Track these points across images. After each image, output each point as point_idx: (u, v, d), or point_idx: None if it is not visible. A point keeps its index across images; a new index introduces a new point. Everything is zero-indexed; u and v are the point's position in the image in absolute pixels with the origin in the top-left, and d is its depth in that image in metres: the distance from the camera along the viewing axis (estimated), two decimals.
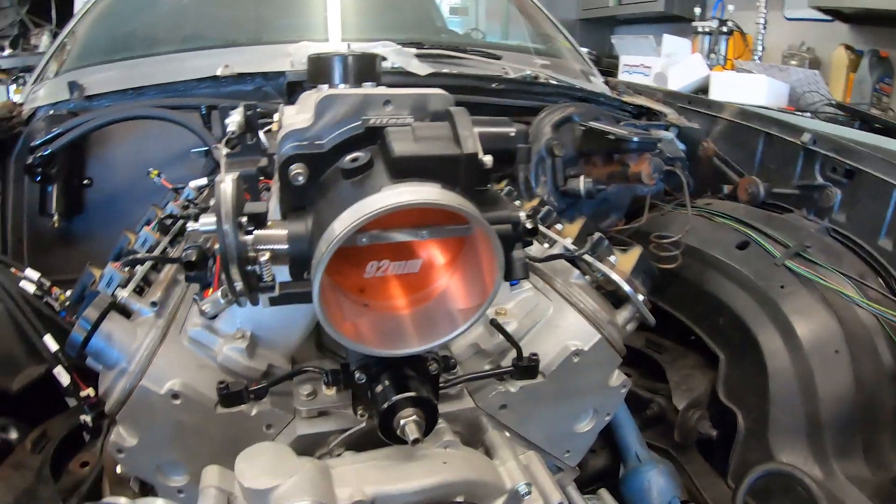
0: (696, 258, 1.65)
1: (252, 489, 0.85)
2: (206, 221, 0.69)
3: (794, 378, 1.37)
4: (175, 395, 0.99)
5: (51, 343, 1.36)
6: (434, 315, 0.83)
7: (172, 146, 1.82)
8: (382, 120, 0.77)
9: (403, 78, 1.86)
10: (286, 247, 0.75)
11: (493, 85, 1.98)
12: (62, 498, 1.20)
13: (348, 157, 0.73)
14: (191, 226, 0.74)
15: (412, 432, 0.85)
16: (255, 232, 0.72)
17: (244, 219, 0.70)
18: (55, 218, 1.80)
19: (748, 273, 1.53)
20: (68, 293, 1.51)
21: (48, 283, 1.48)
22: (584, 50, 2.69)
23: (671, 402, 1.54)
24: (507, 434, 1.17)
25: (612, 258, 1.24)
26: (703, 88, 2.98)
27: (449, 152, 0.69)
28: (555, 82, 2.11)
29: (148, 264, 1.13)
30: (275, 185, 0.91)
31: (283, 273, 0.76)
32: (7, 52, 5.08)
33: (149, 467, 1.04)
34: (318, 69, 1.20)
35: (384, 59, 1.93)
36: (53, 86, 2.03)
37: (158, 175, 1.63)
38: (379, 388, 0.89)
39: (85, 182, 1.89)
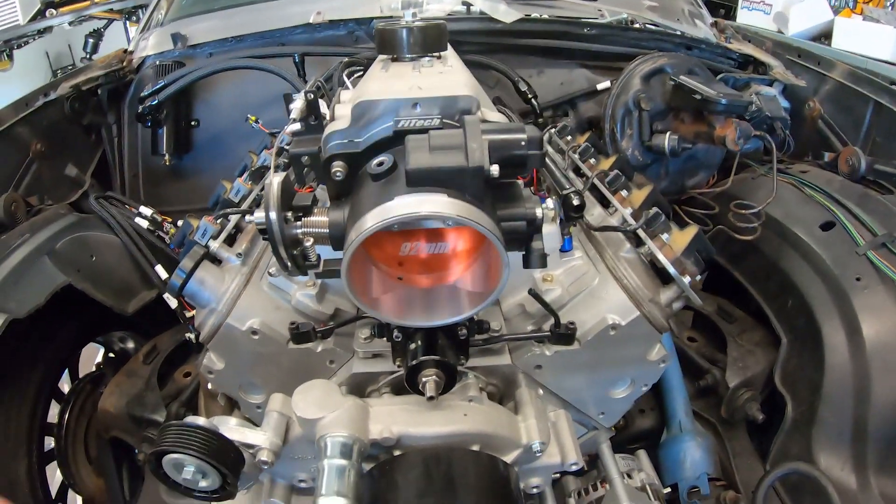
0: (776, 232, 1.58)
1: (303, 418, 1.03)
2: (258, 216, 0.82)
3: (850, 378, 1.32)
4: (254, 332, 1.18)
5: (161, 272, 1.62)
6: (452, 295, 0.92)
7: (270, 89, 1.97)
8: (410, 122, 0.85)
9: (489, 24, 1.86)
10: (327, 231, 0.87)
11: (585, 30, 1.92)
12: (165, 403, 1.48)
13: (375, 161, 0.81)
14: (247, 218, 0.86)
15: (430, 390, 0.98)
16: (303, 220, 0.85)
17: (289, 213, 0.83)
18: (166, 157, 2.04)
19: (826, 258, 1.45)
20: (180, 223, 1.78)
21: (160, 218, 1.73)
22: None
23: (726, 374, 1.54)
24: (541, 392, 1.27)
25: (665, 236, 1.24)
26: (827, 33, 2.62)
27: (456, 164, 0.75)
28: (652, 27, 1.98)
29: (238, 216, 1.31)
30: None
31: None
32: None
33: (233, 387, 1.27)
34: (385, 41, 1.26)
35: (470, 5, 1.93)
36: (159, 35, 2.20)
37: (256, 121, 1.79)
38: (411, 347, 1.02)
39: (192, 123, 2.11)
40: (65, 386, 1.78)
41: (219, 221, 1.30)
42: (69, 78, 1.99)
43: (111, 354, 1.90)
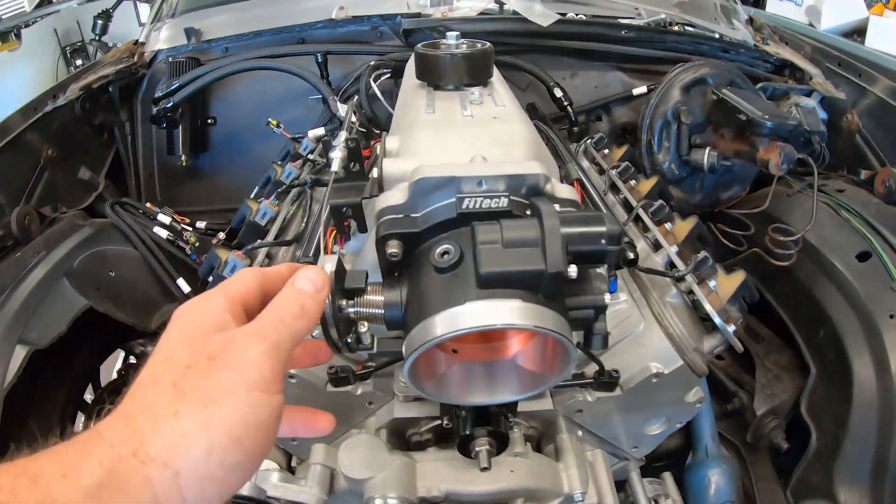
0: (811, 258, 1.55)
1: (350, 477, 1.03)
2: None
3: (876, 416, 1.32)
4: (291, 377, 1.16)
5: (183, 285, 1.58)
6: (510, 372, 0.90)
7: (289, 87, 1.89)
8: (475, 203, 0.80)
9: (522, 24, 1.77)
10: (382, 312, 0.83)
11: (622, 32, 1.83)
12: None
13: (438, 251, 0.77)
14: None
15: (483, 461, 0.97)
16: (356, 301, 0.80)
17: (343, 300, 0.78)
18: (183, 158, 1.97)
19: (860, 290, 1.43)
20: (199, 224, 1.72)
21: (179, 226, 1.67)
22: None
23: (753, 400, 1.55)
24: (580, 432, 1.27)
25: (712, 283, 1.21)
26: (860, 30, 2.51)
27: (533, 268, 0.71)
28: (691, 29, 1.90)
29: (266, 249, 1.27)
30: (370, 237, 0.98)
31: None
32: None
33: None
34: (428, 68, 1.20)
35: (503, 3, 1.83)
36: (172, 28, 2.10)
37: (278, 125, 1.72)
38: (462, 414, 1.01)
39: (209, 121, 2.02)
40: (88, 395, 1.77)
41: (248, 255, 1.26)
42: (77, 78, 1.89)
43: (132, 359, 1.88)
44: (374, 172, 0.94)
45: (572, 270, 0.74)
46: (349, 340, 0.81)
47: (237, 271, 1.10)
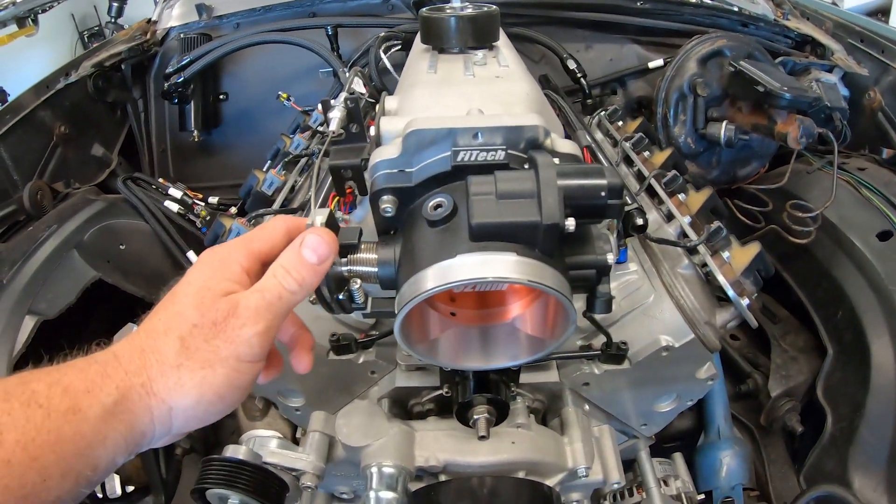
0: (830, 236, 1.50)
1: (348, 445, 1.01)
2: None
3: (894, 400, 1.28)
4: None
5: (193, 258, 1.58)
6: (508, 336, 0.87)
7: (301, 62, 1.89)
8: (471, 156, 0.77)
9: None
10: (376, 270, 0.81)
11: (638, 4, 1.78)
12: None
13: (431, 203, 0.74)
14: None
15: (482, 429, 0.95)
16: (349, 258, 0.78)
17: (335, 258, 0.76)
18: (195, 134, 1.97)
19: (880, 270, 1.37)
20: (211, 199, 1.72)
21: (190, 200, 1.68)
22: None
23: (768, 381, 1.50)
24: (587, 406, 1.24)
25: (726, 254, 1.17)
26: (884, 9, 2.42)
27: (528, 219, 0.68)
28: (709, 2, 1.84)
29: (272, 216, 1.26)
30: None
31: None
32: None
33: (271, 391, 1.25)
34: (431, 30, 1.17)
35: None
36: (184, 5, 2.10)
37: (288, 98, 1.71)
38: (460, 381, 0.98)
39: (220, 97, 2.02)
40: None
41: (252, 223, 1.25)
42: (90, 56, 1.90)
43: None
44: (373, 131, 0.92)
45: (570, 223, 0.70)
46: (341, 297, 0.79)
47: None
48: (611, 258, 0.78)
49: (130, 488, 1.66)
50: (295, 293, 0.62)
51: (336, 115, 0.95)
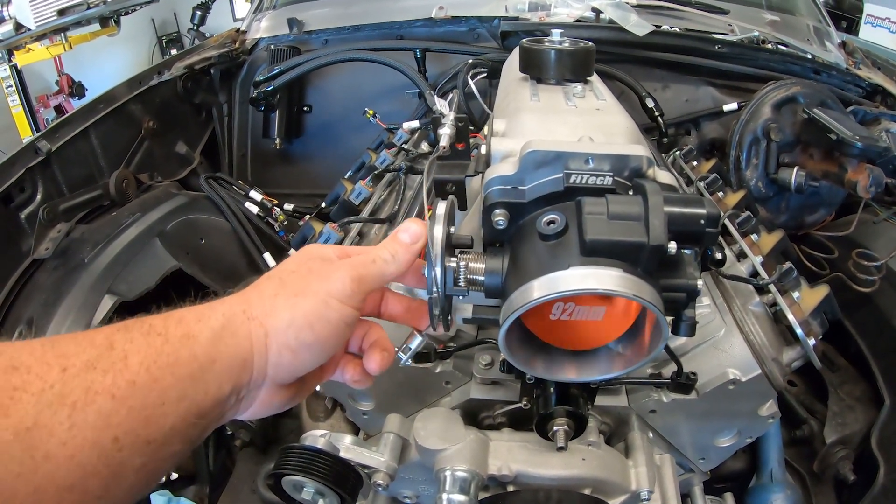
0: (894, 286, 1.50)
1: (424, 447, 1.05)
2: None
3: None
4: None
5: (270, 260, 1.65)
6: (603, 353, 0.91)
7: (385, 81, 1.96)
8: (582, 179, 0.82)
9: (617, 34, 1.79)
10: (483, 278, 0.85)
11: (716, 47, 1.83)
12: None
13: (545, 219, 0.79)
14: None
15: (560, 440, 0.98)
16: (461, 261, 0.82)
17: (451, 261, 0.81)
18: (277, 141, 2.05)
19: None
20: (287, 206, 1.79)
21: (269, 204, 1.75)
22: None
23: (824, 428, 1.50)
24: (651, 434, 1.26)
25: (795, 294, 1.20)
26: None
27: (636, 240, 0.72)
28: (784, 48, 1.88)
29: (359, 226, 1.32)
30: (475, 206, 1.01)
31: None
32: None
33: (342, 393, 1.30)
34: (531, 61, 1.23)
35: (600, 12, 1.86)
36: (274, 18, 2.20)
37: (374, 115, 1.78)
38: (542, 393, 1.02)
39: (305, 108, 2.11)
40: None
41: (342, 229, 1.31)
42: (182, 57, 2.02)
43: None
44: (482, 149, 0.97)
45: (672, 247, 0.75)
46: (449, 318, 0.83)
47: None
48: (700, 284, 0.82)
49: (174, 476, 1.71)
50: (387, 262, 0.69)
51: (446, 132, 1.01)
